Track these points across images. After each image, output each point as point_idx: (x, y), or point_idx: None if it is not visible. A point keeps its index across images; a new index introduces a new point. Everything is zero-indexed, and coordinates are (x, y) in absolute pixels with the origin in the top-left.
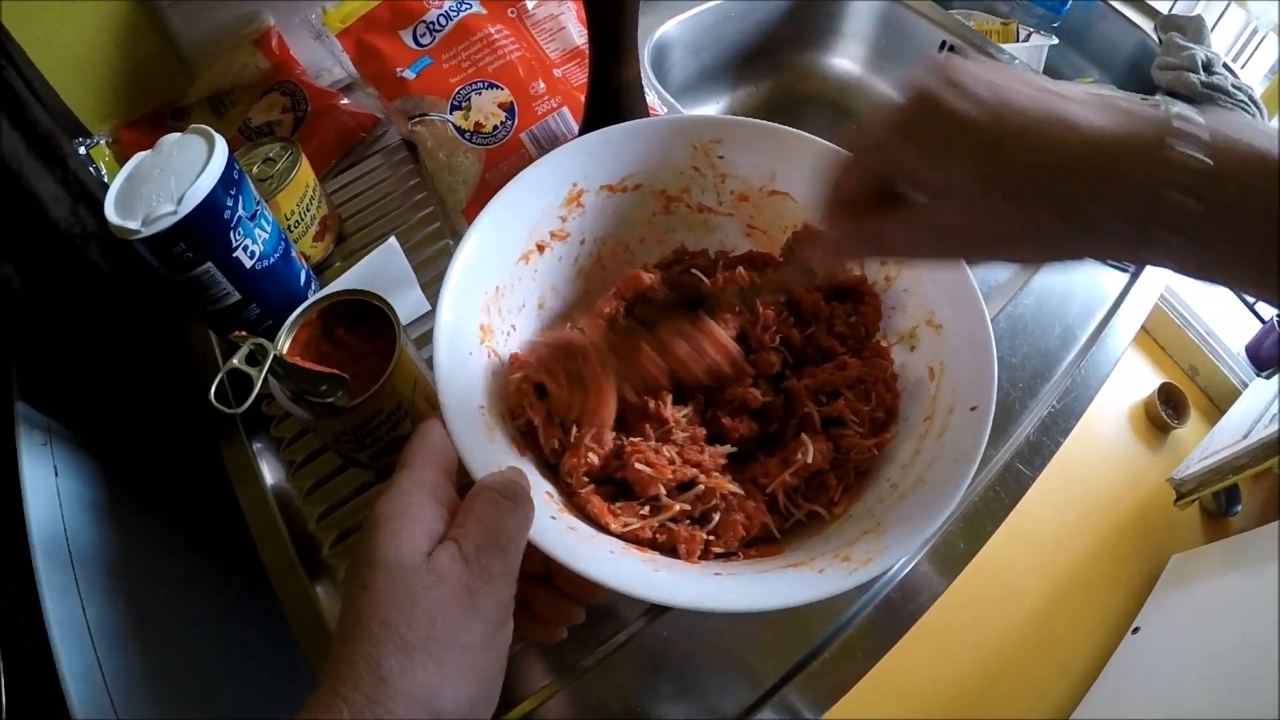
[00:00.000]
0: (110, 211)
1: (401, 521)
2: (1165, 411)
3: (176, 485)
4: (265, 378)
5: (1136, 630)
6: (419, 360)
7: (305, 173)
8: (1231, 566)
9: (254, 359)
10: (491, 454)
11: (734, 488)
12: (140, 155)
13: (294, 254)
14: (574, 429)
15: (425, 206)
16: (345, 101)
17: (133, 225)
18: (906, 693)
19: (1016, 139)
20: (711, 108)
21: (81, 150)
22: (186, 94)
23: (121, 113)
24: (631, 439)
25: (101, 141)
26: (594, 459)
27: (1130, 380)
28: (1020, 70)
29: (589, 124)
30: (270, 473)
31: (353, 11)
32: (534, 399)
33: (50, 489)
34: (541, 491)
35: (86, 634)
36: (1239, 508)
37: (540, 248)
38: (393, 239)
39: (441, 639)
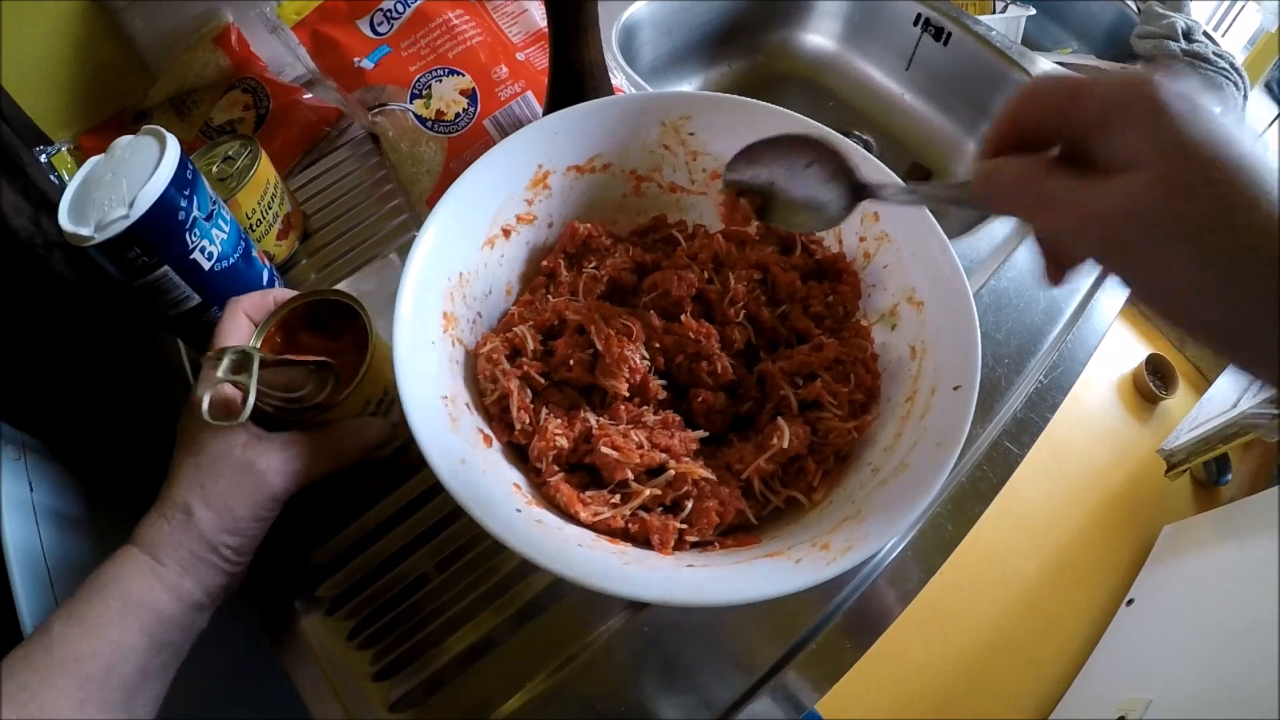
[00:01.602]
0: (64, 218)
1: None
2: (1153, 383)
3: (153, 495)
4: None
5: (1131, 602)
6: None
7: (265, 170)
8: (1223, 536)
9: (238, 368)
10: (453, 446)
11: (706, 473)
12: (94, 160)
13: (255, 253)
14: (544, 413)
15: (392, 199)
16: (308, 96)
17: (85, 231)
18: (901, 675)
19: (1221, 171)
20: (684, 89)
21: (43, 159)
22: (147, 96)
23: (83, 119)
24: (600, 419)
25: (63, 149)
26: (563, 442)
27: (1117, 352)
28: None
29: (552, 107)
30: None
31: (308, 2)
32: (506, 365)
33: (26, 504)
34: (509, 483)
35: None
36: (1229, 477)
37: (506, 232)
38: (393, 256)
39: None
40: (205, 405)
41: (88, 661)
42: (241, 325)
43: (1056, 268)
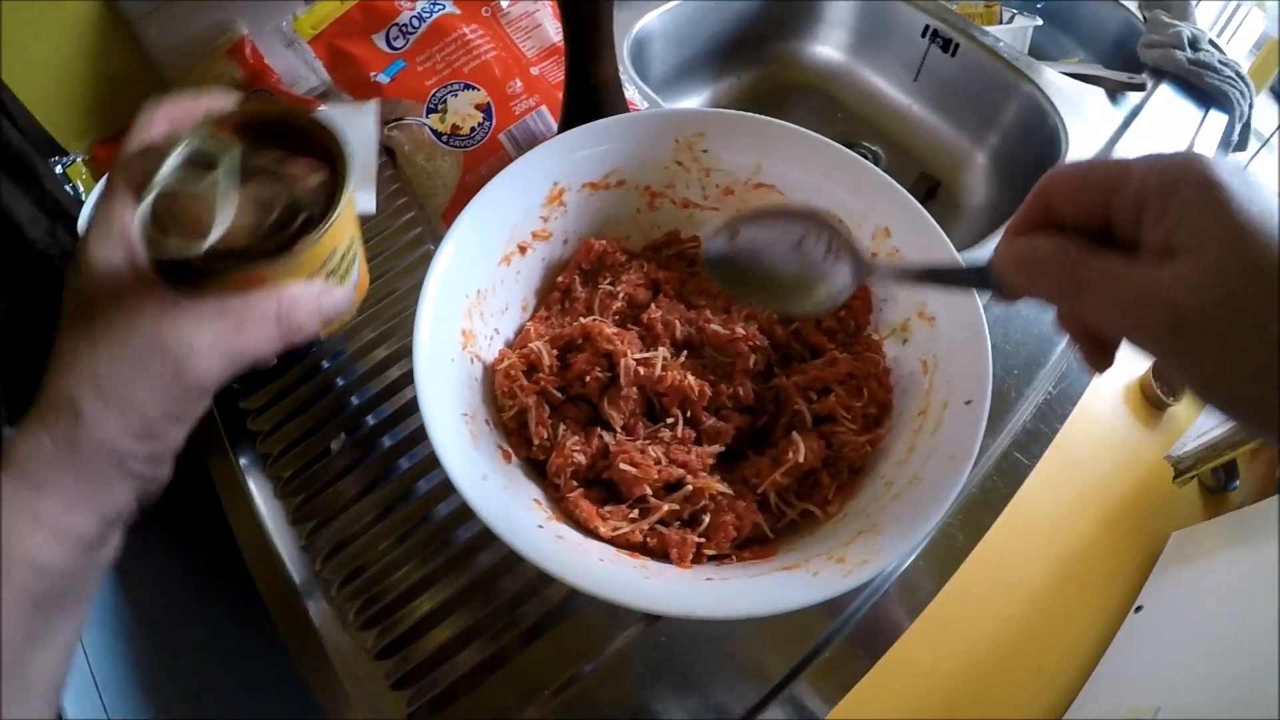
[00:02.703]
0: (84, 230)
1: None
2: (1160, 388)
3: (166, 498)
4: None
5: (1139, 609)
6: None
7: None
8: (1232, 541)
9: (195, 167)
10: (475, 462)
11: (723, 488)
12: None
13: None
14: (561, 429)
15: (406, 212)
16: (322, 108)
17: None
18: (908, 682)
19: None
20: (693, 101)
21: (58, 169)
22: None
23: (98, 129)
24: (619, 438)
25: (78, 159)
26: (580, 458)
27: (1124, 359)
28: None
29: (567, 124)
30: (258, 489)
31: (324, 17)
32: (524, 381)
33: None
34: (529, 498)
35: (82, 654)
36: (1237, 483)
37: (522, 249)
38: (375, 102)
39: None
40: (139, 224)
41: None
42: (159, 131)
43: (1102, 353)
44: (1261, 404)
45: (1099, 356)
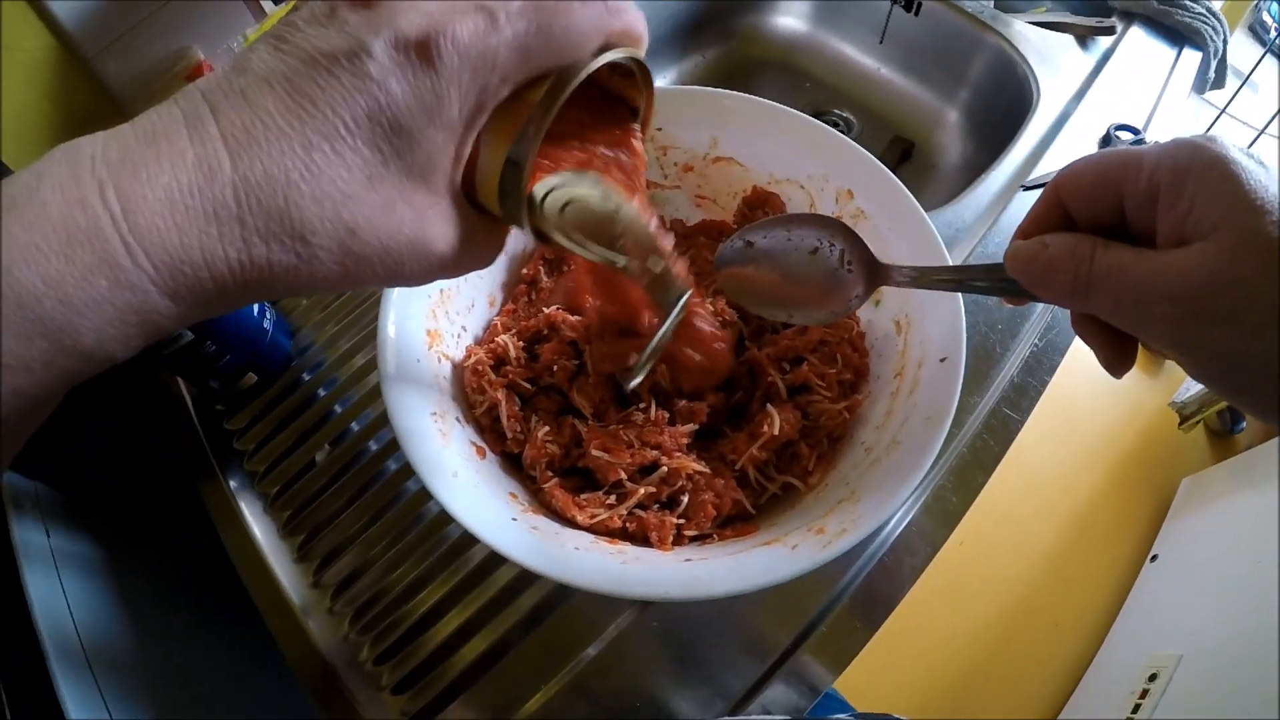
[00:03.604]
0: None
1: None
2: None
3: (165, 525)
4: None
5: (1155, 558)
6: None
7: None
8: (1242, 484)
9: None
10: (445, 460)
11: (698, 466)
12: None
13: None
14: (534, 420)
15: None
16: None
17: None
18: (926, 649)
19: None
20: (659, 81)
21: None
22: None
23: None
24: (591, 425)
25: None
26: (554, 449)
27: None
28: None
29: None
30: (248, 507)
31: None
32: (492, 376)
33: (44, 550)
34: (505, 492)
35: (93, 681)
36: (1244, 425)
37: None
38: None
39: None
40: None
41: None
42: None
43: (1119, 355)
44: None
45: (1116, 360)
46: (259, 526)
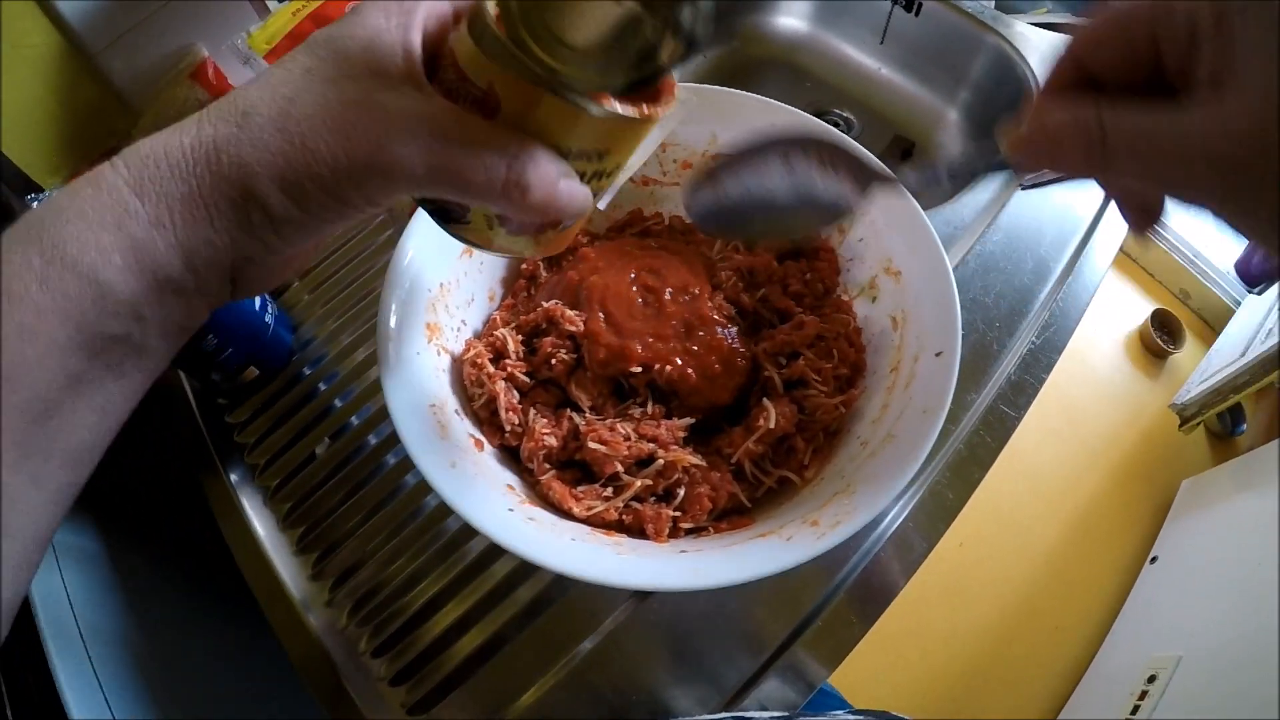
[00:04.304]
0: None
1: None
2: (1160, 338)
3: (166, 517)
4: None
5: (1155, 560)
6: None
7: None
8: (1242, 486)
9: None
10: (442, 451)
11: (695, 460)
12: None
13: None
14: (532, 413)
15: (376, 216)
16: None
17: None
18: (927, 649)
19: None
20: None
21: (35, 205)
22: (131, 134)
23: (70, 162)
24: (588, 418)
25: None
26: (551, 441)
27: (1122, 310)
28: None
29: None
30: (249, 500)
31: (277, 31)
32: (491, 369)
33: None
34: (502, 484)
35: (92, 674)
36: (1244, 426)
37: None
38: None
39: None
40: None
41: None
42: None
43: (1146, 215)
44: None
45: (1142, 219)
46: (259, 519)
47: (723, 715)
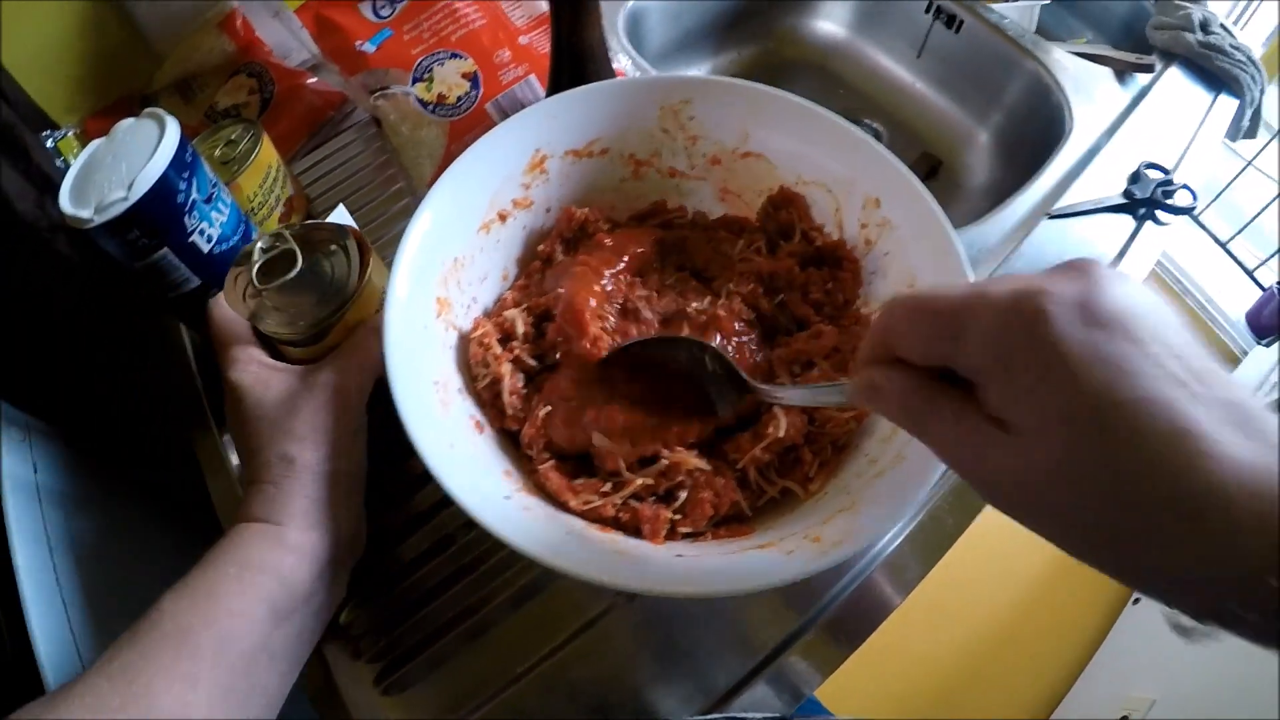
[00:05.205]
0: (65, 201)
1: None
2: None
3: (156, 474)
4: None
5: (1138, 601)
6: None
7: (267, 154)
8: None
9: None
10: (442, 429)
11: (700, 463)
12: (95, 143)
13: (255, 236)
14: (535, 398)
15: (395, 183)
16: (313, 80)
17: (85, 214)
18: (905, 669)
19: (1126, 438)
20: (694, 73)
21: (49, 143)
22: (153, 80)
23: (89, 103)
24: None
25: (69, 133)
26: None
27: None
28: (1170, 329)
29: (552, 91)
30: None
31: None
32: (498, 350)
33: (30, 486)
34: (500, 469)
35: (65, 622)
36: None
37: (502, 216)
38: (340, 208)
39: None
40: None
41: (199, 633)
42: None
43: None
44: (1111, 565)
45: None
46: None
47: (716, 716)
